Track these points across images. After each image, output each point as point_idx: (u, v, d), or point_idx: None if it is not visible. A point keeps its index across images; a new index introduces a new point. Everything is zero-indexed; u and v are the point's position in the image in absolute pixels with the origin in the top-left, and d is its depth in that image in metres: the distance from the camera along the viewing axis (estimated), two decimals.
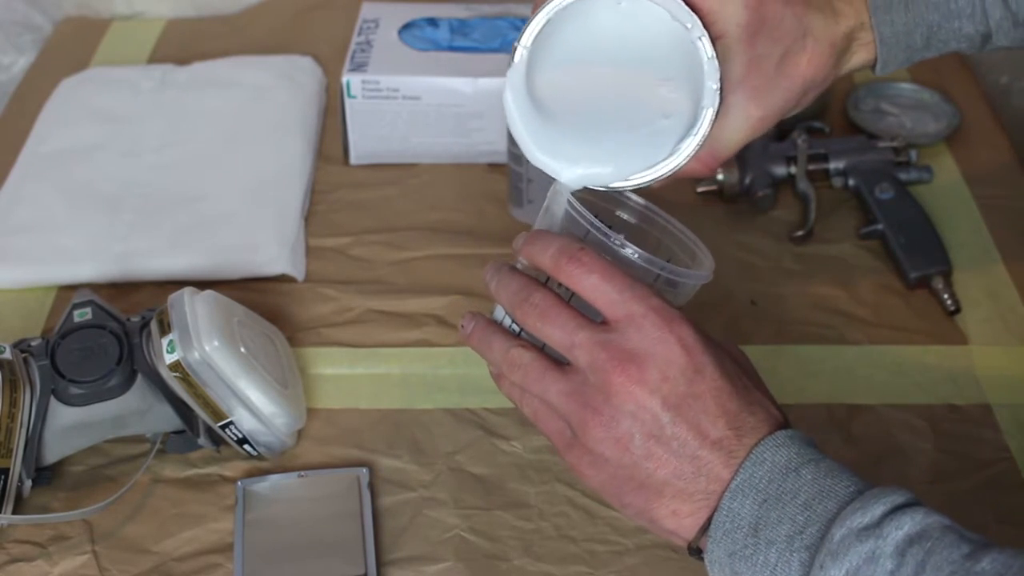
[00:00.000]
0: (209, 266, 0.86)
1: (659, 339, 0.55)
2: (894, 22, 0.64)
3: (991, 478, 0.73)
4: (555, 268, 0.57)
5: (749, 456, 0.54)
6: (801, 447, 0.55)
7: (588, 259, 0.57)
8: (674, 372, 0.55)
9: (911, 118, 1.01)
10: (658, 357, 0.55)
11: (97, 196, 0.91)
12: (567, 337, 0.56)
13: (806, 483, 0.53)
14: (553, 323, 0.57)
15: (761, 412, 0.56)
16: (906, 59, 0.66)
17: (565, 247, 0.57)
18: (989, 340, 0.82)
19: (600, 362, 0.55)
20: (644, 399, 0.55)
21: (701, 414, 0.55)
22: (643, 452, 0.55)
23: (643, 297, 0.56)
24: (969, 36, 0.65)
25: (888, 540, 0.50)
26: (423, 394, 0.79)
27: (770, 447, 0.54)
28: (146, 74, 1.05)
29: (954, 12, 0.64)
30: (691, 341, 0.55)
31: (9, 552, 0.69)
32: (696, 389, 0.55)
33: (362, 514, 0.70)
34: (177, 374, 0.68)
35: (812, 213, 0.90)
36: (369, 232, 0.91)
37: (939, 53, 0.67)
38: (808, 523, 0.52)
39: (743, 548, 0.53)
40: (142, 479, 0.73)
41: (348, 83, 0.94)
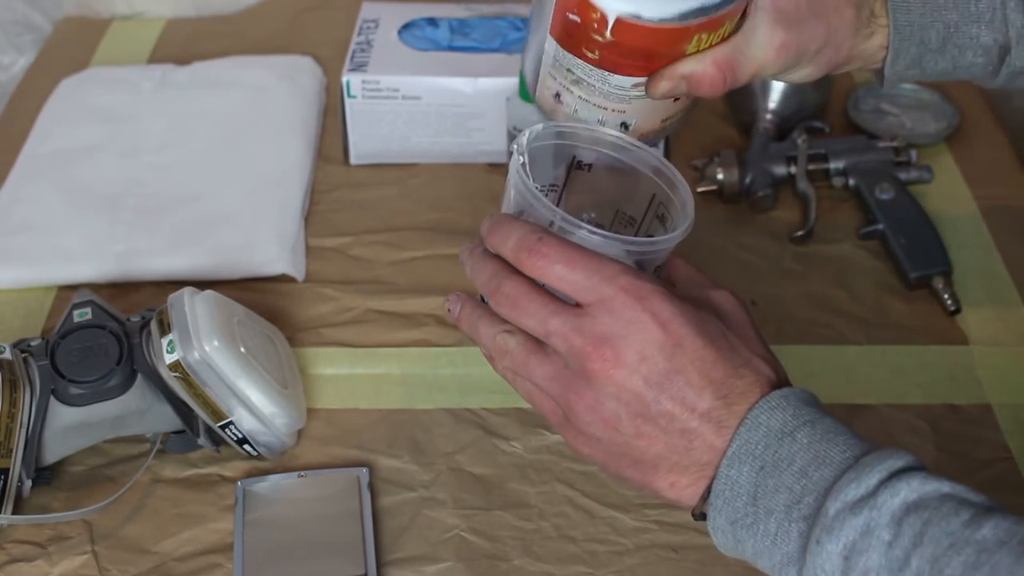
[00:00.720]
0: (209, 266, 0.86)
1: (632, 319, 0.54)
2: (910, 10, 0.63)
3: (991, 478, 0.73)
4: (517, 262, 0.57)
5: (744, 421, 0.53)
6: (797, 408, 0.54)
7: (548, 249, 0.55)
8: (651, 350, 0.54)
9: (911, 118, 1.01)
10: (633, 337, 0.54)
11: (97, 196, 0.91)
12: (540, 326, 0.56)
13: (801, 448, 0.52)
14: (525, 312, 0.56)
15: (750, 374, 0.55)
16: (918, 57, 0.65)
17: (524, 239, 0.56)
18: (989, 340, 0.82)
19: (576, 348, 0.55)
20: (624, 381, 0.54)
21: (685, 388, 0.54)
22: (632, 431, 0.55)
23: (611, 278, 0.55)
24: (987, 47, 0.64)
25: (883, 511, 0.49)
26: (423, 394, 0.79)
27: (764, 410, 0.53)
28: (146, 74, 1.05)
29: (973, 15, 0.63)
30: (666, 315, 0.54)
31: (9, 552, 0.69)
32: (677, 364, 0.54)
33: (362, 514, 0.70)
34: (177, 374, 0.68)
35: (812, 213, 0.90)
36: (369, 232, 0.91)
37: (954, 67, 0.65)
38: (805, 492, 0.51)
39: (744, 517, 0.53)
40: (142, 479, 0.73)
41: (348, 83, 0.94)
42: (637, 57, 0.60)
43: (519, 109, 0.87)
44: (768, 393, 0.54)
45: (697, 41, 0.60)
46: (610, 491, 0.72)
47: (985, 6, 0.64)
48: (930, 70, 0.66)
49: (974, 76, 0.67)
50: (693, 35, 0.59)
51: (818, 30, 0.63)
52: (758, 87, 0.97)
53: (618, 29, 0.58)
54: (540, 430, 0.76)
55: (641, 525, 0.70)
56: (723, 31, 0.60)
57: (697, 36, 0.60)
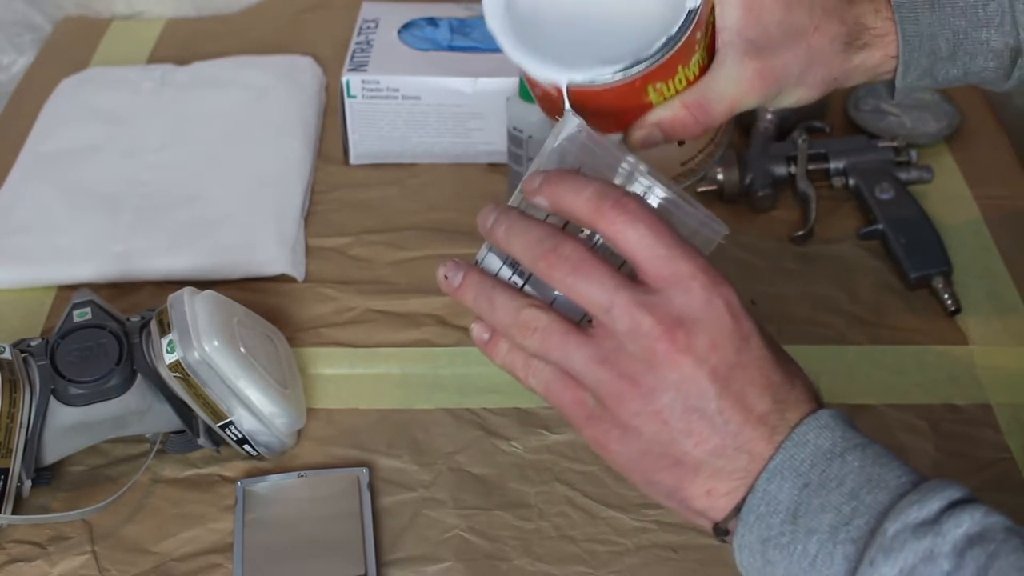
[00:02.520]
0: (209, 266, 0.86)
1: (708, 303, 0.50)
2: (919, 20, 0.62)
3: (991, 478, 0.73)
4: (594, 214, 0.51)
5: (790, 436, 0.50)
6: (845, 430, 0.51)
7: (635, 206, 0.50)
8: (723, 339, 0.50)
9: (911, 118, 1.01)
10: (708, 323, 0.50)
11: (97, 196, 0.91)
12: (606, 296, 0.50)
13: (852, 470, 0.49)
14: (589, 279, 0.50)
15: (800, 386, 0.52)
16: (929, 67, 0.64)
17: (605, 190, 0.51)
18: (989, 340, 0.82)
19: (644, 328, 0.50)
20: (691, 370, 0.50)
21: (748, 386, 0.51)
22: (683, 427, 0.50)
23: (692, 255, 0.51)
24: (997, 52, 0.63)
25: (947, 538, 0.46)
26: (423, 394, 0.79)
27: (813, 428, 0.50)
28: (146, 74, 1.05)
29: (982, 20, 0.62)
30: (737, 306, 0.51)
31: (9, 552, 0.69)
32: (744, 358, 0.51)
33: (362, 514, 0.70)
34: (177, 374, 0.68)
35: (812, 213, 0.90)
36: (369, 232, 0.91)
37: (965, 73, 0.64)
38: (855, 514, 0.48)
39: (779, 535, 0.49)
40: (142, 479, 0.73)
41: (348, 83, 0.94)
42: (608, 117, 0.60)
43: (519, 109, 0.87)
44: (816, 411, 0.52)
45: (655, 91, 0.59)
46: (610, 491, 0.72)
47: (994, 10, 0.63)
48: (942, 78, 0.65)
49: (985, 81, 0.66)
50: (646, 87, 0.59)
51: (796, 52, 0.60)
52: None
53: (573, 98, 0.57)
54: (540, 430, 0.76)
55: (641, 525, 0.70)
56: (681, 76, 0.60)
57: (651, 87, 0.59)
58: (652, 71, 0.58)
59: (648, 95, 0.59)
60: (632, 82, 0.58)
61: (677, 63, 0.59)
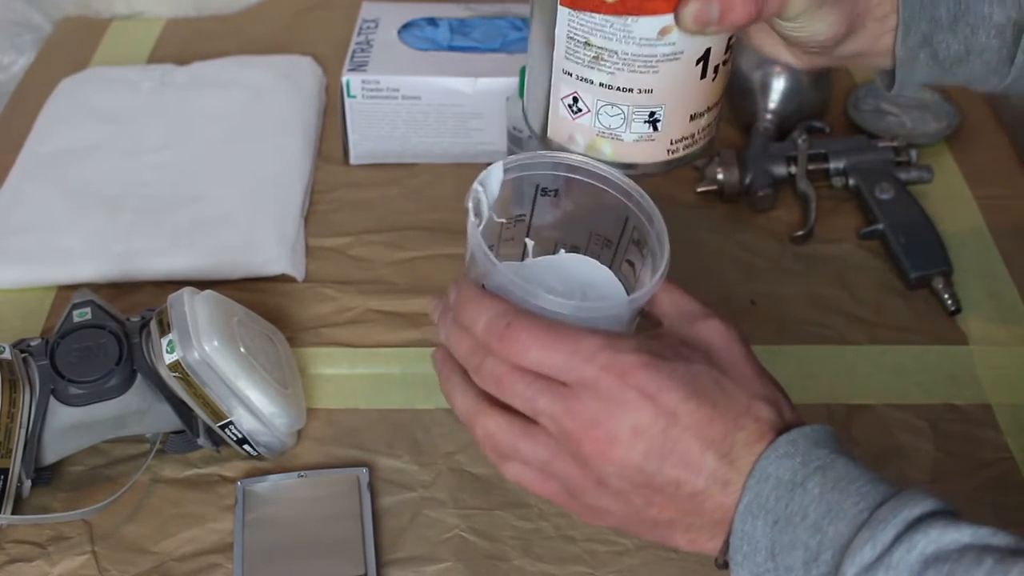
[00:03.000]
0: (209, 266, 0.86)
1: (618, 399, 0.52)
2: None
3: (991, 478, 0.73)
4: (488, 349, 0.54)
5: (752, 473, 0.51)
6: (807, 452, 0.52)
7: (519, 334, 0.53)
8: (644, 424, 0.52)
9: (911, 118, 1.01)
10: (623, 417, 0.52)
11: (97, 196, 0.91)
12: (528, 406, 0.53)
13: (813, 499, 0.50)
14: (510, 392, 0.54)
15: (750, 423, 0.53)
16: (929, 34, 0.63)
17: (492, 324, 0.54)
18: (989, 340, 0.82)
19: (568, 432, 0.52)
20: (623, 459, 0.52)
21: (686, 454, 0.52)
22: (642, 501, 0.53)
23: (590, 358, 0.52)
24: (1000, 26, 0.62)
25: (900, 568, 0.47)
26: (423, 394, 0.79)
27: (772, 460, 0.51)
28: (146, 74, 1.05)
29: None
30: (653, 387, 0.52)
31: (9, 552, 0.69)
32: (673, 433, 0.52)
33: (362, 514, 0.70)
34: (177, 374, 0.68)
35: (812, 213, 0.90)
36: (369, 232, 0.91)
37: (967, 50, 0.63)
38: (821, 548, 0.49)
39: (765, 572, 0.51)
40: (142, 479, 0.73)
41: (348, 83, 0.94)
42: None
43: (519, 109, 0.87)
44: (774, 440, 0.52)
45: None
46: None
47: None
48: (943, 53, 0.64)
49: (988, 64, 0.65)
50: None
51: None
52: (758, 87, 0.97)
53: None
54: None
55: None
56: None
57: None
58: None
59: None
60: None
61: None
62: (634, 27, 0.57)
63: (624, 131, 0.61)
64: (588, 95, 0.61)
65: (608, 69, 0.59)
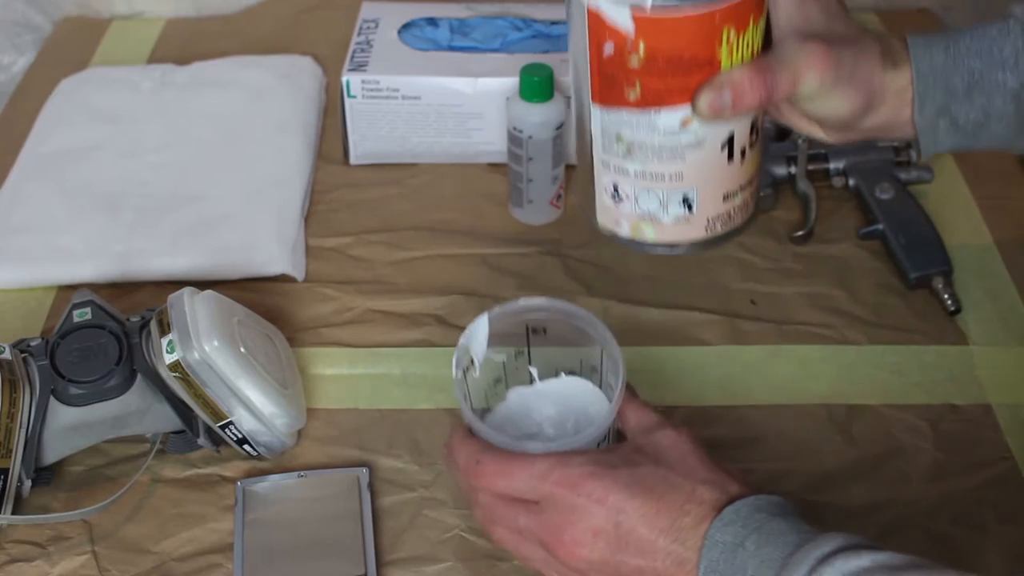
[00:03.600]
0: (209, 266, 0.86)
1: (574, 507, 0.60)
2: (933, 58, 0.64)
3: (991, 478, 0.73)
4: (468, 486, 0.64)
5: (704, 544, 0.58)
6: (748, 517, 0.58)
7: (486, 469, 0.62)
8: (599, 524, 0.59)
9: None
10: (580, 522, 0.60)
11: (97, 196, 0.91)
12: (512, 525, 0.62)
13: (750, 555, 0.56)
14: (499, 519, 0.63)
15: (696, 508, 0.59)
16: (945, 104, 0.65)
17: (466, 464, 0.63)
18: (989, 340, 0.82)
19: (544, 542, 0.61)
20: (589, 557, 0.60)
21: (641, 543, 0.59)
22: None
23: (544, 476, 0.61)
24: (1015, 92, 0.64)
25: None
26: (423, 394, 0.79)
27: (718, 528, 0.58)
28: (146, 74, 1.05)
29: (998, 61, 0.63)
30: (600, 492, 0.60)
31: (9, 552, 0.69)
32: (625, 527, 0.59)
33: (362, 514, 0.70)
34: (177, 374, 0.68)
35: (812, 213, 0.90)
36: (369, 232, 0.91)
37: (986, 115, 0.65)
38: None
39: None
40: (142, 479, 0.73)
41: (348, 83, 0.94)
42: (675, 71, 0.61)
43: (519, 109, 0.87)
44: (721, 511, 0.58)
45: (727, 41, 0.61)
46: None
47: (1009, 51, 0.63)
48: (962, 120, 0.66)
49: (1010, 128, 0.66)
50: (721, 30, 0.60)
51: (847, 50, 0.63)
52: None
53: (650, 29, 0.60)
54: None
55: None
56: (750, 35, 0.62)
57: (725, 32, 0.60)
58: (729, 8, 0.59)
59: (721, 46, 0.61)
60: (712, 14, 0.59)
61: (750, 11, 0.61)
62: (657, 120, 0.63)
63: (662, 214, 0.67)
64: (626, 183, 0.66)
65: (640, 159, 0.65)
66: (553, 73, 0.86)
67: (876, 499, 0.71)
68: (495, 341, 0.68)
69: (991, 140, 0.66)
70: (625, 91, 0.62)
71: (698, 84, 0.61)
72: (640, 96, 0.62)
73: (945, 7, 1.17)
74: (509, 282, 0.87)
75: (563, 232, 0.91)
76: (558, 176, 0.90)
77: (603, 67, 0.62)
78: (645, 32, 0.60)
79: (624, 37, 0.60)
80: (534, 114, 0.86)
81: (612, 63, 0.62)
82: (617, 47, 0.61)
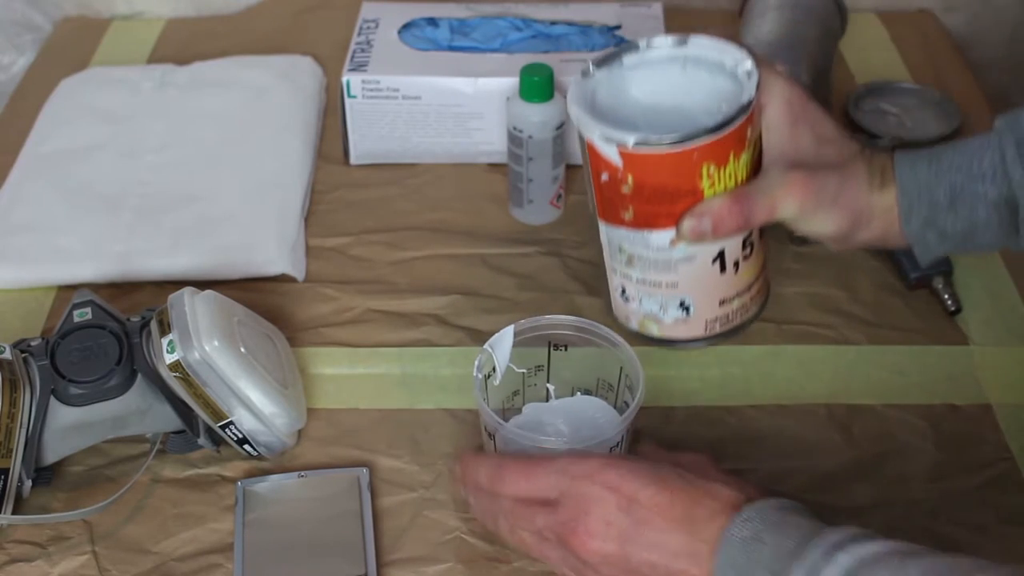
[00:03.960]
0: (209, 266, 0.86)
1: (588, 496, 0.60)
2: (917, 175, 0.68)
3: (991, 478, 0.73)
4: (492, 492, 0.64)
5: (721, 537, 0.58)
6: (765, 514, 0.58)
7: (508, 473, 0.63)
8: (611, 514, 0.60)
9: (911, 118, 1.01)
10: (594, 510, 0.60)
11: (97, 196, 0.91)
12: (533, 527, 0.63)
13: (768, 547, 0.56)
14: (520, 521, 0.63)
15: (711, 502, 0.59)
16: (931, 217, 0.68)
17: (489, 474, 0.64)
18: (989, 340, 0.82)
19: (562, 537, 0.61)
20: (602, 549, 0.60)
21: (655, 534, 0.59)
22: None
23: (563, 471, 0.61)
24: (995, 203, 0.66)
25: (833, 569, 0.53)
26: (423, 394, 0.79)
27: (737, 524, 0.58)
28: (146, 74, 1.05)
29: (977, 174, 0.66)
30: (615, 480, 0.60)
31: (9, 552, 0.69)
32: (638, 516, 0.59)
33: (362, 514, 0.70)
34: (177, 374, 0.68)
35: None
36: (369, 232, 0.91)
37: (971, 224, 0.67)
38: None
39: None
40: (142, 479, 0.73)
41: (348, 83, 0.94)
42: (660, 199, 0.68)
43: (519, 109, 0.87)
44: (740, 510, 0.59)
45: (708, 177, 0.67)
46: None
47: (988, 164, 0.66)
48: (950, 230, 0.68)
49: (997, 235, 0.68)
50: (701, 165, 0.66)
51: (831, 174, 0.68)
52: None
53: (635, 163, 0.66)
54: None
55: None
56: (732, 168, 0.67)
57: (705, 168, 0.66)
58: (706, 146, 0.65)
59: (701, 179, 0.67)
60: (690, 152, 0.65)
61: (729, 148, 0.67)
62: (650, 238, 0.70)
63: (663, 315, 0.74)
64: (630, 287, 0.74)
65: (639, 268, 0.72)
66: (553, 73, 0.86)
67: (876, 499, 0.71)
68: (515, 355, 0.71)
69: (984, 245, 0.70)
70: (621, 212, 0.69)
71: (683, 211, 0.68)
72: (633, 218, 0.69)
73: (945, 7, 1.17)
74: (509, 282, 0.87)
75: (563, 232, 0.91)
76: (558, 176, 0.90)
77: (602, 190, 0.70)
78: (631, 166, 0.67)
79: (615, 168, 0.67)
80: (534, 114, 0.86)
81: (608, 188, 0.69)
82: (610, 176, 0.68)
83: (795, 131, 0.69)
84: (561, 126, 0.88)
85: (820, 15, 1.02)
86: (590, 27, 1.00)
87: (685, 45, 0.70)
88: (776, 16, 1.01)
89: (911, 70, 1.08)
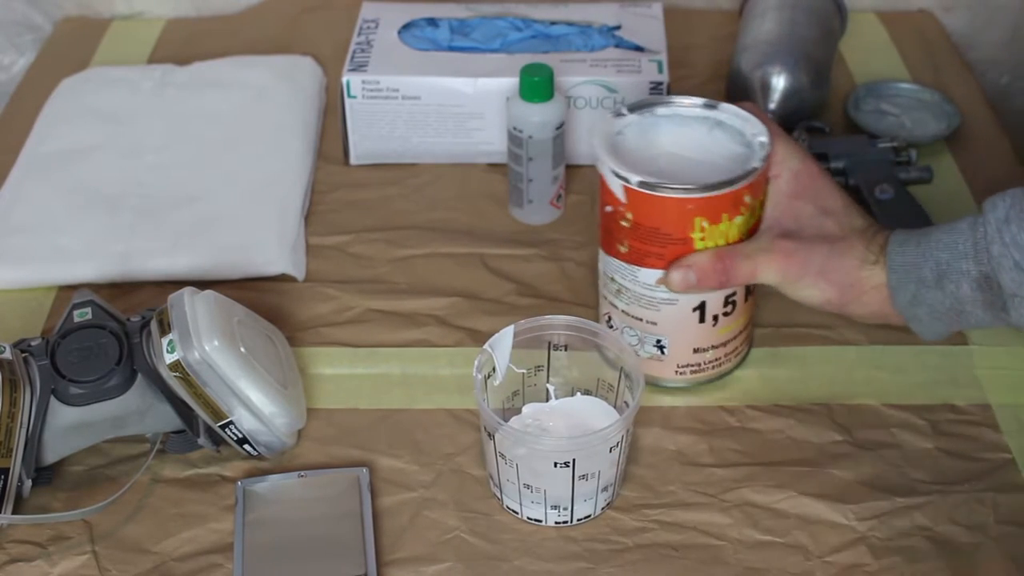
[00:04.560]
0: (209, 266, 0.86)
1: None
2: (905, 253, 0.70)
3: (991, 478, 0.73)
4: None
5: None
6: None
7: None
8: None
9: (911, 118, 1.01)
10: None
11: (97, 196, 0.91)
12: None
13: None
14: None
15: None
16: (918, 293, 0.69)
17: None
18: (989, 340, 0.82)
19: None
20: None
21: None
22: None
23: None
24: (979, 280, 0.67)
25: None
26: (423, 394, 0.79)
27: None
28: (146, 74, 1.05)
29: (962, 252, 0.68)
30: None
31: (9, 552, 0.69)
32: None
33: (362, 514, 0.70)
34: (177, 374, 0.68)
35: None
36: (369, 232, 0.91)
37: (958, 300, 0.68)
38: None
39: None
40: (142, 479, 0.73)
41: (348, 83, 0.94)
42: (653, 240, 0.71)
43: (519, 109, 0.87)
44: None
45: (700, 231, 0.70)
46: None
47: (970, 244, 0.68)
48: (939, 308, 0.69)
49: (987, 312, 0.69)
50: (694, 218, 0.70)
51: (820, 249, 0.71)
52: (758, 87, 0.97)
53: (638, 199, 0.70)
54: None
55: (641, 525, 0.70)
56: (724, 227, 0.70)
57: (698, 221, 0.70)
58: (701, 200, 0.69)
59: (694, 230, 0.70)
60: (685, 202, 0.69)
61: (723, 208, 0.70)
62: (638, 273, 0.73)
63: (640, 349, 0.77)
64: (616, 316, 0.77)
65: (625, 300, 0.75)
66: (553, 73, 0.86)
67: (876, 499, 0.71)
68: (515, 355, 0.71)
69: (977, 322, 0.70)
70: (618, 245, 0.73)
71: (672, 255, 0.71)
72: (627, 252, 0.73)
73: (945, 7, 1.17)
74: (509, 282, 0.87)
75: (563, 232, 0.91)
76: (558, 176, 0.90)
77: (605, 220, 0.74)
78: (632, 203, 0.70)
79: (619, 202, 0.71)
80: (534, 114, 0.86)
81: (610, 219, 0.73)
82: (614, 209, 0.72)
83: (795, 203, 0.72)
84: (561, 126, 0.88)
85: (820, 15, 1.03)
86: (590, 27, 1.00)
87: (715, 109, 0.74)
88: (776, 16, 1.01)
89: (911, 70, 1.08)
